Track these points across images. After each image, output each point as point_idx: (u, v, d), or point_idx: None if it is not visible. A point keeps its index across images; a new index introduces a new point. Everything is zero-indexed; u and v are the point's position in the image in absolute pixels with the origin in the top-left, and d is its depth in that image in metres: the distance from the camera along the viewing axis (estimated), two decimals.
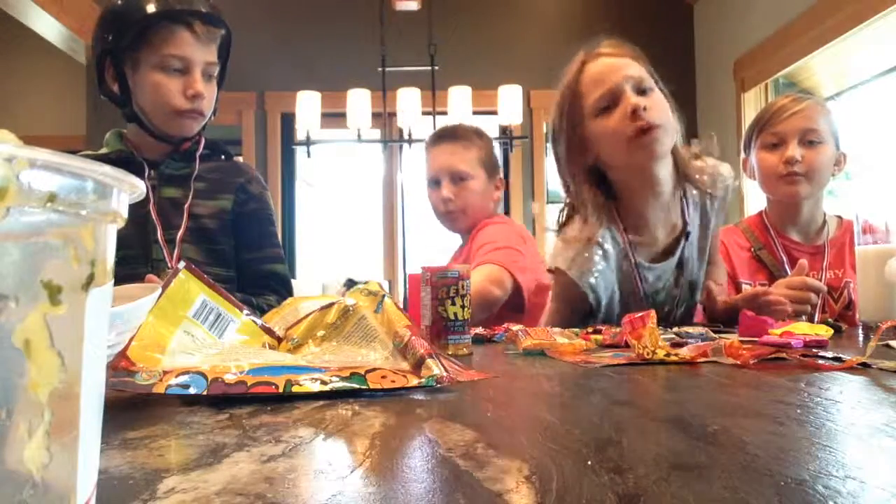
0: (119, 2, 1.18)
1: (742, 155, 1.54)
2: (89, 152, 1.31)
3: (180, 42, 1.17)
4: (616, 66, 1.17)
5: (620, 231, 1.22)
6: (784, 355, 0.73)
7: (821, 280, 1.38)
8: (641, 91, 1.16)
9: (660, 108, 1.16)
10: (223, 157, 1.34)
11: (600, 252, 1.18)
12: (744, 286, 1.44)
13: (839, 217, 1.50)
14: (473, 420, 0.46)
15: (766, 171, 1.43)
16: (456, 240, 1.77)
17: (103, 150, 1.28)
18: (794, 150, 1.37)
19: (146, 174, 1.23)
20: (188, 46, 1.18)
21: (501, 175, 1.74)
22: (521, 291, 1.48)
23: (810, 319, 1.16)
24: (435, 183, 1.65)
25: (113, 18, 1.17)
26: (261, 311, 1.16)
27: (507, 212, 4.38)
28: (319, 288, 3.92)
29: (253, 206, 1.33)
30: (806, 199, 1.43)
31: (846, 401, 0.50)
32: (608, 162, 1.21)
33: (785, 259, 1.44)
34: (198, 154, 1.29)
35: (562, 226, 1.27)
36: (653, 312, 0.77)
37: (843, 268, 1.42)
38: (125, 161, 1.23)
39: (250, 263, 1.31)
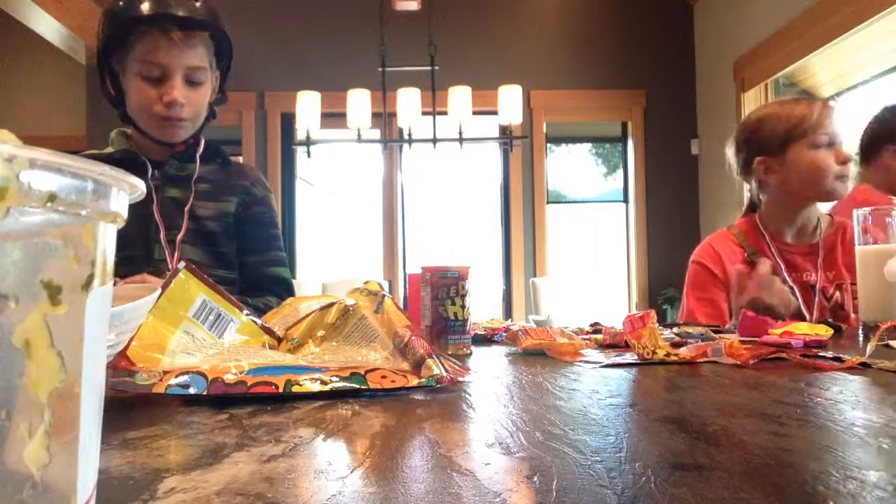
0: (113, 4, 1.17)
1: (757, 157, 1.48)
2: (94, 151, 1.30)
3: (156, 48, 1.15)
4: None
5: None
6: (784, 355, 0.73)
7: (816, 280, 1.38)
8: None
9: None
10: (220, 161, 1.33)
11: None
12: None
13: (830, 215, 1.50)
14: (473, 420, 0.46)
15: (821, 170, 1.36)
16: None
17: (108, 150, 1.27)
18: (849, 150, 1.36)
19: (149, 174, 1.23)
20: (163, 53, 1.15)
21: None
22: None
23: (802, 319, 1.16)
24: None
25: (103, 21, 1.17)
26: (257, 310, 1.16)
27: (507, 212, 4.39)
28: (319, 288, 3.93)
29: (256, 208, 1.32)
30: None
31: (846, 401, 0.50)
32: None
33: (781, 263, 1.43)
34: (198, 155, 1.28)
35: None
36: (652, 312, 0.77)
37: (834, 269, 1.42)
38: (130, 160, 1.23)
39: (253, 266, 1.30)
